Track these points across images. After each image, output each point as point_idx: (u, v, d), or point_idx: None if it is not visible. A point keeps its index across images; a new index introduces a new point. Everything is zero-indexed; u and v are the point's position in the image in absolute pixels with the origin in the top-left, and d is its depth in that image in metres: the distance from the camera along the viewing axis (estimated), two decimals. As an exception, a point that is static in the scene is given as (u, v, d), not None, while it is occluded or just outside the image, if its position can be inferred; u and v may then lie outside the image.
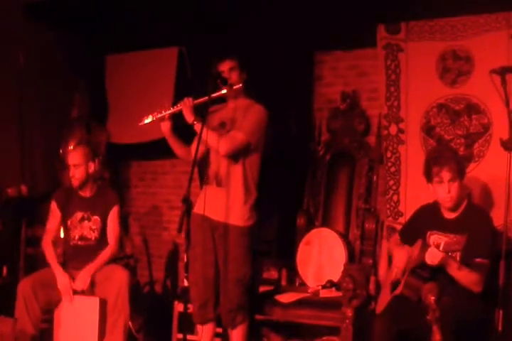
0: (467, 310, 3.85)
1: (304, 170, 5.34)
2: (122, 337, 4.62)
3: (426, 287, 3.44)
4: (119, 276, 4.64)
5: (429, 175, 4.09)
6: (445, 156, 4.04)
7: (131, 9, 5.66)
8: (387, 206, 5.06)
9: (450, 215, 4.14)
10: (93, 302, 4.65)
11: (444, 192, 4.05)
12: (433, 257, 3.81)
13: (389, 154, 5.07)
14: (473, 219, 4.06)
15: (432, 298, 3.32)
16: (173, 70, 5.75)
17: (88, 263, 4.73)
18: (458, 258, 3.97)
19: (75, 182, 4.83)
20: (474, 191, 4.67)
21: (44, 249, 4.82)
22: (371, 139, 5.24)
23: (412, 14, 4.96)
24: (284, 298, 4.72)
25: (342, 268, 4.53)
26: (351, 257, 4.98)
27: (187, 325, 4.52)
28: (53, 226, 4.89)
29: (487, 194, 4.64)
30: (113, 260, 4.91)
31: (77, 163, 4.81)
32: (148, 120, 4.48)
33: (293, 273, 5.16)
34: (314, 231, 5.14)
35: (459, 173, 4.05)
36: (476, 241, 3.95)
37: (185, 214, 3.85)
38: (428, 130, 4.95)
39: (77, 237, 4.84)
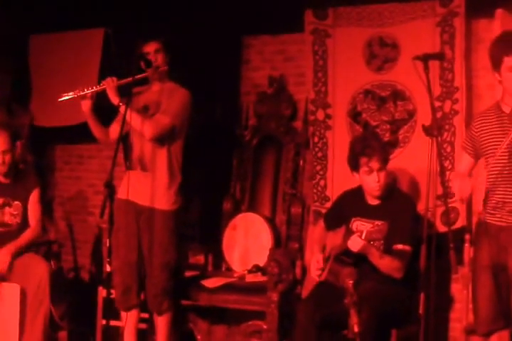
0: (389, 295, 3.96)
1: (231, 155, 5.35)
2: (42, 329, 4.59)
3: (344, 271, 3.48)
4: (40, 270, 4.60)
5: (355, 165, 4.16)
6: (372, 146, 4.11)
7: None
8: (314, 191, 5.09)
9: (374, 201, 4.21)
10: (14, 289, 4.58)
11: (373, 181, 4.11)
12: (354, 245, 3.89)
13: (316, 139, 5.10)
14: (396, 205, 4.15)
15: (350, 282, 3.36)
16: (98, 52, 5.66)
17: (9, 248, 4.70)
18: (381, 246, 4.05)
19: (4, 169, 4.74)
20: (399, 176, 4.74)
21: None
22: (298, 124, 5.25)
23: (340, 0, 4.97)
24: (210, 282, 4.74)
25: (268, 253, 4.57)
26: (277, 242, 5.00)
27: (112, 310, 4.48)
28: None
29: (411, 179, 4.71)
30: (35, 245, 4.88)
31: (6, 149, 4.70)
32: (68, 96, 4.38)
33: (219, 258, 5.18)
34: (241, 215, 5.15)
35: (386, 161, 4.15)
36: (398, 227, 4.05)
37: (108, 198, 3.85)
38: (354, 115, 4.99)
39: (-3, 223, 4.79)
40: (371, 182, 4.13)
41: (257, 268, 4.81)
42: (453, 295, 4.74)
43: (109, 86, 4.30)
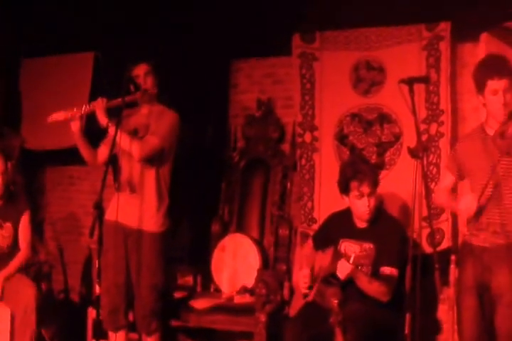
0: (376, 315, 3.98)
1: (220, 177, 5.41)
2: None
3: (329, 291, 3.54)
4: (27, 293, 4.61)
5: (345, 189, 4.19)
6: (363, 171, 4.15)
7: (47, 13, 5.64)
8: (302, 212, 5.14)
9: (362, 224, 4.26)
10: (5, 312, 4.62)
11: (364, 206, 4.16)
12: (342, 270, 3.91)
13: (303, 162, 5.15)
14: (384, 228, 4.19)
15: (335, 301, 3.42)
16: (88, 75, 5.72)
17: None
18: (369, 271, 4.08)
19: (0, 191, 4.79)
20: (385, 198, 4.78)
21: None
22: (286, 146, 5.33)
23: (328, 24, 5.04)
24: (199, 303, 4.78)
25: (256, 274, 4.61)
26: (265, 263, 5.05)
27: (101, 331, 4.46)
28: None
29: (398, 201, 4.75)
30: (26, 266, 4.89)
31: (1, 171, 4.76)
32: (57, 116, 4.43)
33: (208, 279, 5.21)
34: (229, 237, 5.20)
35: (376, 186, 4.20)
36: (386, 250, 4.09)
37: (97, 219, 3.90)
38: (341, 138, 5.05)
39: (-12, 246, 4.81)
40: (361, 206, 4.17)
41: (245, 290, 4.88)
42: (440, 316, 4.76)
43: (99, 106, 4.34)
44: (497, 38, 4.54)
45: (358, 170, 4.15)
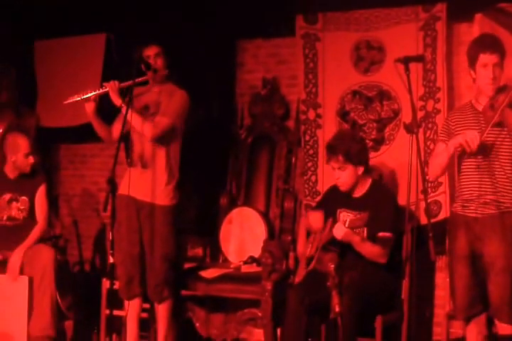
0: (374, 281, 4.17)
1: (227, 153, 5.55)
2: (49, 313, 4.80)
3: (326, 257, 3.71)
4: (45, 255, 4.80)
5: (328, 162, 4.47)
6: (334, 146, 4.38)
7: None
8: (306, 186, 5.31)
9: (356, 194, 4.45)
10: (22, 281, 4.80)
11: (335, 178, 4.43)
12: (338, 232, 4.12)
13: (307, 137, 5.31)
14: (377, 196, 4.38)
15: (332, 266, 3.58)
16: (100, 56, 5.85)
17: (17, 242, 4.89)
18: (365, 234, 4.28)
19: (27, 170, 5.00)
20: (386, 171, 4.97)
21: None
22: (290, 123, 5.46)
23: (329, 5, 5.16)
24: (208, 273, 4.90)
25: (262, 245, 4.77)
26: (271, 234, 5.20)
27: (115, 300, 4.60)
28: None
29: (397, 174, 4.93)
30: (42, 240, 5.05)
31: (28, 152, 4.97)
32: (73, 99, 4.59)
33: (216, 250, 5.36)
34: (236, 210, 5.34)
35: (349, 161, 4.34)
36: (379, 216, 4.26)
37: (110, 193, 4.05)
38: (343, 115, 5.20)
39: (5, 218, 4.98)
40: (334, 179, 4.44)
41: (252, 259, 4.99)
42: (437, 283, 4.92)
43: (112, 89, 4.49)
44: (490, 19, 4.64)
45: (332, 145, 4.40)
